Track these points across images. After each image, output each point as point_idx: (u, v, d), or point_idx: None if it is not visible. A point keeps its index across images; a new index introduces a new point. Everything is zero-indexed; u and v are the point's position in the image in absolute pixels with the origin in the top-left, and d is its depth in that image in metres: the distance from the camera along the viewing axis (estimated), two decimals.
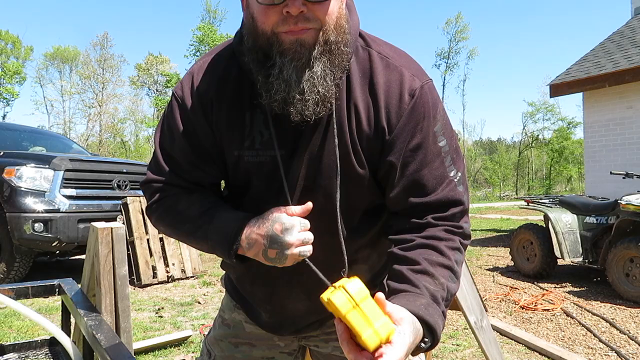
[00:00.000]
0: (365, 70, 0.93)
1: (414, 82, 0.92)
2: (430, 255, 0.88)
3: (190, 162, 0.98)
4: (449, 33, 41.22)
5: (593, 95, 7.75)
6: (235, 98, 0.95)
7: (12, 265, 5.02)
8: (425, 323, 0.78)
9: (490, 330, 2.20)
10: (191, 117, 0.97)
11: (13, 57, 35.07)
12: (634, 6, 9.32)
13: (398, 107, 0.91)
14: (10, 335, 3.50)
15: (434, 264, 0.87)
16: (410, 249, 0.89)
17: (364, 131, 0.92)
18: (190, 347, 3.28)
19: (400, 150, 0.92)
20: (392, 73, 0.93)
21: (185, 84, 0.99)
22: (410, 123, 0.91)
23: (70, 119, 38.39)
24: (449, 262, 0.88)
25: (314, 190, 0.94)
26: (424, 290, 0.83)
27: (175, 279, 5.55)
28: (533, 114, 39.03)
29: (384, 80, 0.92)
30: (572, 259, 5.11)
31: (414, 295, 0.82)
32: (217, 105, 0.96)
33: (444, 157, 0.94)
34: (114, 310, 1.42)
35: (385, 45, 0.98)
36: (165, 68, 36.85)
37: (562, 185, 41.65)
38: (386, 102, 0.91)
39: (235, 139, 0.95)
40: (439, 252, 0.88)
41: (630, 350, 3.24)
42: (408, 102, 0.91)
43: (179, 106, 0.98)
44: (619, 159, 7.37)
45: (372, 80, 0.92)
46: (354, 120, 0.92)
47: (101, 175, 5.51)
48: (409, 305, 0.77)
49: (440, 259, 0.88)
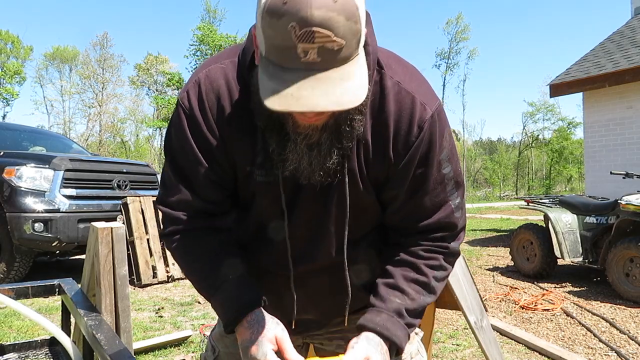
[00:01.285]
0: (376, 96, 0.91)
1: (424, 113, 0.91)
2: (408, 272, 0.98)
3: (205, 176, 0.95)
4: (449, 33, 41.25)
5: (593, 95, 7.75)
6: (245, 112, 0.91)
7: (12, 265, 5.02)
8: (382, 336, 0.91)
9: (490, 330, 2.20)
10: (201, 130, 0.93)
11: (13, 57, 35.08)
12: (634, 6, 9.32)
13: (406, 139, 0.91)
14: (10, 335, 3.50)
15: (408, 280, 0.97)
16: (392, 264, 1.00)
17: (371, 159, 0.93)
18: (190, 347, 3.28)
19: (405, 180, 0.94)
20: (403, 100, 0.91)
21: (192, 94, 0.93)
22: (417, 155, 0.92)
23: (70, 119, 38.42)
24: (425, 279, 0.98)
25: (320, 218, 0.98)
26: (388, 304, 0.95)
27: (176, 279, 5.55)
28: (533, 114, 39.05)
29: (394, 110, 0.91)
30: (572, 259, 5.11)
31: (377, 311, 0.95)
32: (227, 119, 0.92)
33: (447, 183, 0.96)
34: (114, 310, 1.42)
35: (397, 66, 0.94)
36: (165, 68, 36.85)
37: (562, 185, 41.65)
38: (395, 132, 0.91)
39: (247, 154, 0.94)
40: (415, 270, 0.98)
41: (630, 350, 3.24)
42: (417, 135, 0.91)
43: (188, 118, 0.93)
44: (619, 159, 7.37)
45: (383, 108, 0.91)
46: (362, 150, 0.92)
47: (101, 175, 5.51)
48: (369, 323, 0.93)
49: (416, 276, 0.98)
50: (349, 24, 0.70)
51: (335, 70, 0.72)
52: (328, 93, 0.71)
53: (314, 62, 0.71)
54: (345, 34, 0.70)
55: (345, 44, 0.71)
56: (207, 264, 0.97)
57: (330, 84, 0.71)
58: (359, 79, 0.74)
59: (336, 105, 0.71)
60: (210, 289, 0.96)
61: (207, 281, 0.97)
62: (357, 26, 0.71)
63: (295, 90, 0.71)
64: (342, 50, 0.71)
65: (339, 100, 0.71)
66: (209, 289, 0.97)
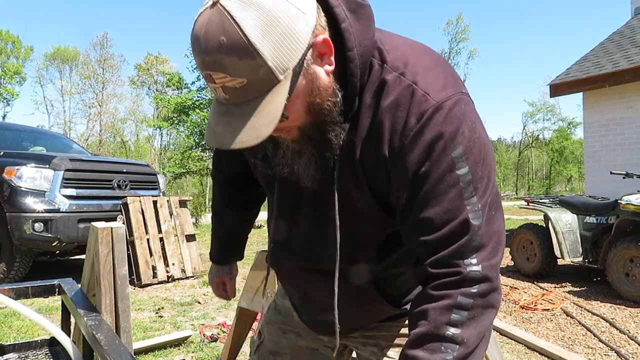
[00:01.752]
0: (375, 90, 0.83)
1: (425, 103, 0.79)
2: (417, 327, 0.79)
3: (226, 156, 1.23)
4: (449, 34, 41.31)
5: (593, 95, 7.75)
6: None
7: (12, 265, 5.02)
8: None
9: (491, 330, 2.20)
10: None
11: (13, 57, 35.09)
12: (634, 6, 9.32)
13: (402, 133, 0.80)
14: (10, 335, 3.50)
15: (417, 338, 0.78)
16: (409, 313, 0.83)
17: (367, 162, 0.85)
18: (190, 347, 3.28)
19: (405, 181, 0.81)
20: (402, 92, 0.81)
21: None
22: (416, 150, 0.79)
23: (70, 119, 38.42)
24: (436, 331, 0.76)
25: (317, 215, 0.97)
26: None
27: (175, 279, 5.55)
28: (533, 114, 39.07)
29: (391, 103, 0.81)
30: (572, 259, 5.11)
31: None
32: None
33: (464, 187, 0.78)
34: (114, 310, 1.42)
35: (403, 52, 0.85)
36: (165, 68, 36.86)
37: (562, 185, 41.65)
38: (391, 128, 0.81)
39: (250, 149, 0.96)
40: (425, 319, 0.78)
41: (630, 350, 3.24)
42: (413, 127, 0.79)
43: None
44: (619, 159, 7.37)
45: (380, 103, 0.82)
46: (359, 153, 0.85)
47: (101, 175, 5.51)
48: None
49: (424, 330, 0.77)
50: (244, 62, 0.68)
51: (249, 104, 0.72)
52: (236, 130, 0.72)
53: (225, 98, 0.73)
54: (242, 72, 0.69)
55: (247, 81, 0.70)
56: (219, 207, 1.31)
57: (240, 120, 0.72)
58: (268, 114, 0.72)
59: (239, 144, 0.72)
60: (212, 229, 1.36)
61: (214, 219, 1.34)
62: (255, 61, 0.68)
63: (215, 125, 0.75)
64: (247, 86, 0.71)
65: (242, 139, 0.72)
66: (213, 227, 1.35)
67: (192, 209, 11.33)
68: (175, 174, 29.60)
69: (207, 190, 33.97)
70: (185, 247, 5.86)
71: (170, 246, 5.68)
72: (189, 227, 6.06)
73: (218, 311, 4.23)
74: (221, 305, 4.41)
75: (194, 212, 11.54)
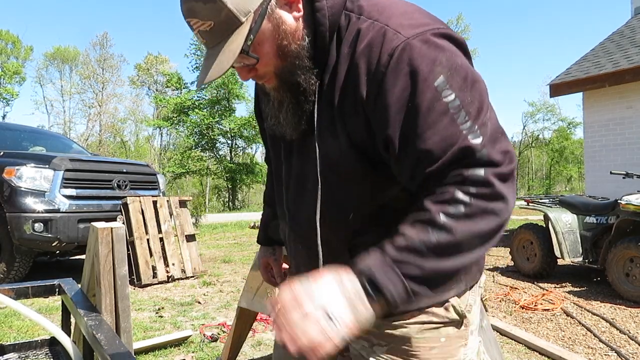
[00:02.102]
0: (352, 40, 0.85)
1: (395, 39, 0.80)
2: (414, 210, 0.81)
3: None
4: None
5: (593, 95, 7.75)
6: None
7: (12, 265, 5.02)
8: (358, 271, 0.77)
9: (490, 330, 2.19)
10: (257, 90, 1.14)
11: (13, 57, 35.09)
12: (634, 6, 9.32)
13: (376, 71, 0.81)
14: (10, 335, 3.50)
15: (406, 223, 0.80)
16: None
17: (346, 107, 0.86)
18: (190, 347, 3.28)
19: (393, 121, 0.80)
20: (375, 35, 0.82)
21: None
22: (396, 87, 0.79)
23: (70, 119, 38.43)
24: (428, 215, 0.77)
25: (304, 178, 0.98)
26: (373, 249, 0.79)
27: (175, 279, 5.55)
28: (533, 113, 39.09)
29: (365, 46, 0.83)
30: (572, 259, 5.11)
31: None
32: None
33: (455, 113, 0.78)
34: (114, 310, 1.42)
35: (382, 5, 0.87)
36: (165, 68, 36.87)
37: (562, 185, 41.66)
38: (367, 69, 0.82)
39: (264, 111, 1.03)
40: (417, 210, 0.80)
41: (630, 350, 3.24)
42: (386, 63, 0.80)
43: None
44: (619, 159, 7.37)
45: (355, 49, 0.84)
46: (337, 100, 0.87)
47: (101, 175, 5.51)
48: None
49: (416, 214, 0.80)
50: (208, 6, 0.79)
51: (219, 45, 0.82)
52: (207, 67, 0.83)
53: (204, 43, 0.84)
54: (208, 15, 0.80)
55: (215, 23, 0.80)
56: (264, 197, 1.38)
57: (211, 59, 0.83)
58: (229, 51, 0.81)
59: (208, 78, 0.83)
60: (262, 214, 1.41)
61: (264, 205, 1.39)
62: (216, 4, 0.78)
63: (200, 70, 0.86)
64: (215, 28, 0.81)
65: (210, 75, 0.82)
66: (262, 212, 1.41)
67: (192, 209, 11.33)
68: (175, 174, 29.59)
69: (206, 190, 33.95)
70: (185, 247, 5.86)
71: (170, 246, 5.68)
72: (189, 227, 6.06)
73: (218, 311, 4.23)
74: (221, 305, 4.41)
75: (193, 212, 11.53)
